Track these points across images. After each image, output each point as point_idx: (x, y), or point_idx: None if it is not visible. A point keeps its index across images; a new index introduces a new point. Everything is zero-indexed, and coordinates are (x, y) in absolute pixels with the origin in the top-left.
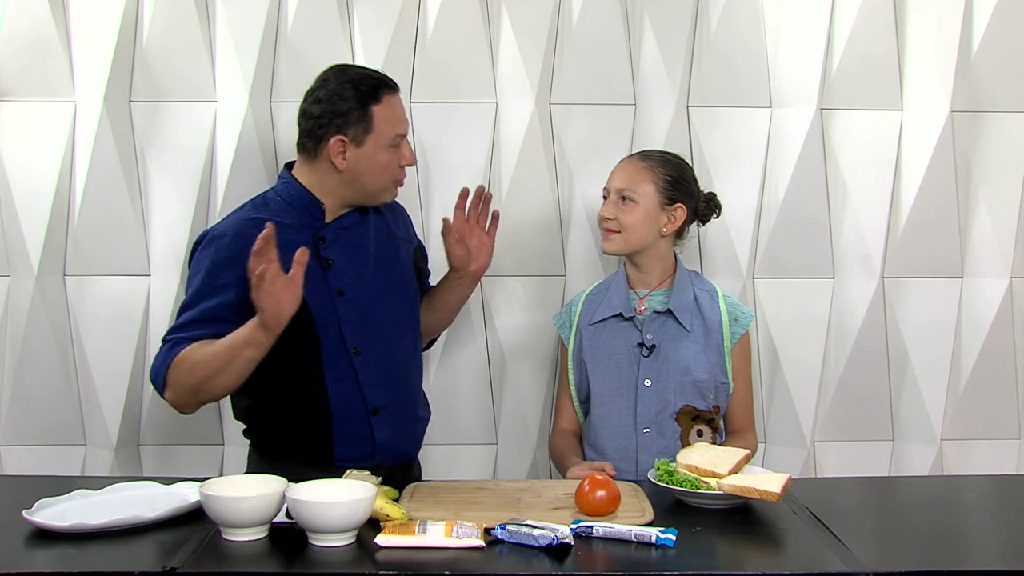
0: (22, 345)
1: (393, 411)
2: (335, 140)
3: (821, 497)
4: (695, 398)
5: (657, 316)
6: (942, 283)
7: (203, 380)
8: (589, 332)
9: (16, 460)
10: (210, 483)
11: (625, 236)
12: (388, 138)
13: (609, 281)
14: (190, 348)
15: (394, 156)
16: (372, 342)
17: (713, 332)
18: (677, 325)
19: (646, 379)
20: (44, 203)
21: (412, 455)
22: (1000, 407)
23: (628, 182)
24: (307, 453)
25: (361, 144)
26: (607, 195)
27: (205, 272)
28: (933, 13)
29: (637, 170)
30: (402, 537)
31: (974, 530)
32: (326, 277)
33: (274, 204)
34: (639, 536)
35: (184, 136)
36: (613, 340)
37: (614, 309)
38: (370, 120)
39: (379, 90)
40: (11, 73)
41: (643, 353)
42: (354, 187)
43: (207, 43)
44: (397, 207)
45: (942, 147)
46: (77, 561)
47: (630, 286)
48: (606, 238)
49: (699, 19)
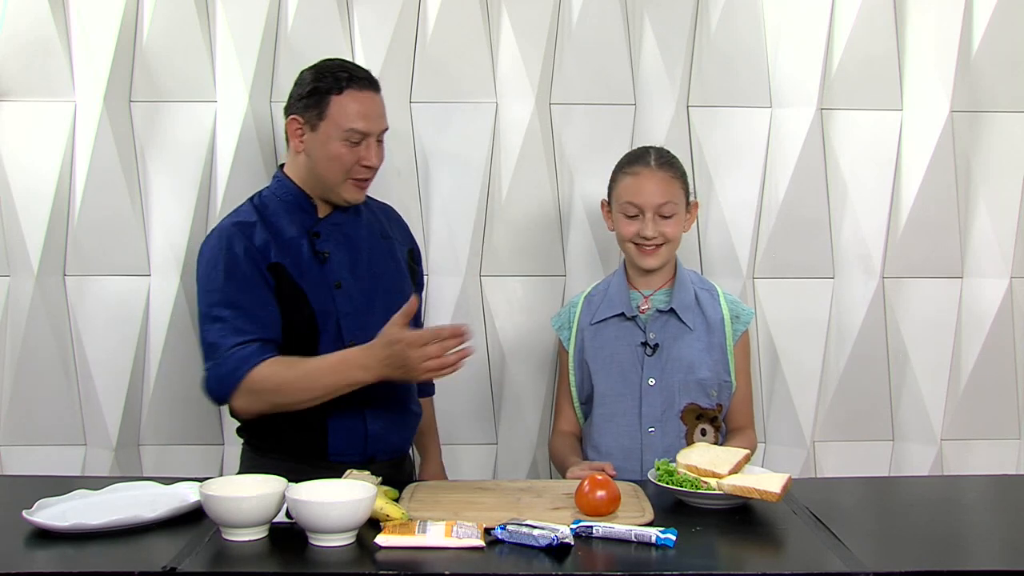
0: (22, 345)
1: (386, 404)
2: (291, 119)
3: (821, 497)
4: (699, 396)
5: (659, 315)
6: (942, 283)
7: (294, 400)
8: (591, 332)
9: (16, 460)
10: (210, 483)
11: (669, 248)
12: (342, 129)
13: (608, 281)
14: (271, 367)
15: (350, 151)
16: (367, 335)
17: (715, 330)
18: (679, 323)
19: (650, 378)
20: (44, 203)
21: (404, 449)
22: (1000, 407)
23: (666, 197)
24: (301, 445)
25: (315, 129)
26: (635, 213)
27: (226, 270)
28: (933, 13)
29: (667, 182)
30: (402, 537)
31: (974, 530)
32: (323, 270)
33: (270, 202)
34: (639, 536)
35: (184, 136)
36: (615, 340)
37: (615, 309)
38: (325, 107)
39: (344, 81)
40: (11, 73)
41: (646, 352)
42: (314, 176)
43: (207, 43)
44: (392, 212)
45: (942, 147)
46: (77, 561)
47: (631, 285)
48: (649, 254)
49: (699, 19)
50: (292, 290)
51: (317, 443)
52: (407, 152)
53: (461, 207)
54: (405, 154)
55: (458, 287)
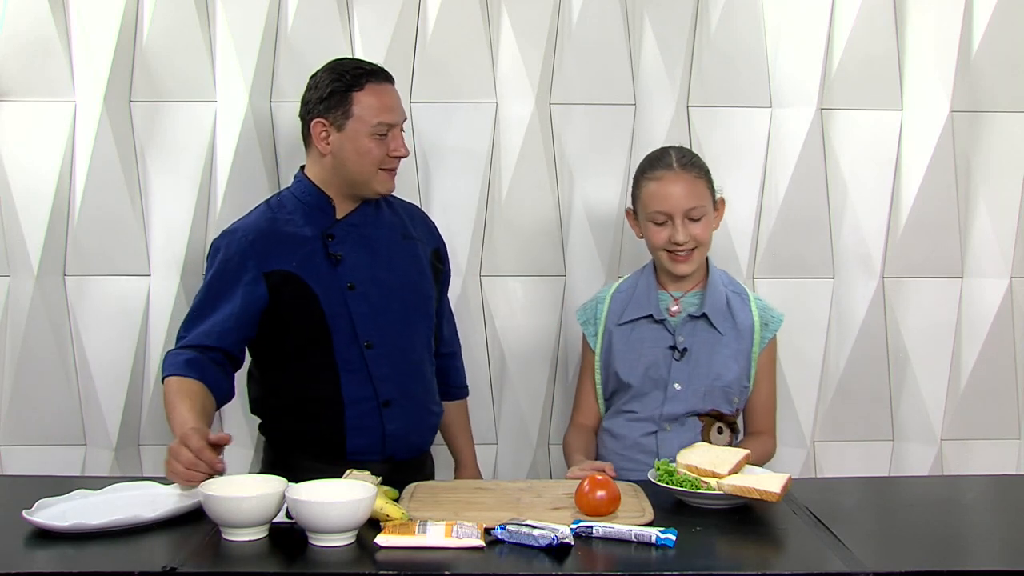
0: (22, 345)
1: (404, 404)
2: (316, 123)
3: (821, 497)
4: (722, 403)
5: (690, 319)
6: (942, 283)
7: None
8: (618, 333)
9: (16, 460)
10: (210, 483)
11: (701, 251)
12: (370, 125)
13: (636, 279)
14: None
15: (379, 144)
16: (384, 336)
17: (744, 337)
18: (710, 328)
19: (676, 383)
20: (44, 203)
21: (424, 447)
22: (1000, 407)
23: (695, 200)
24: (320, 444)
25: (342, 128)
26: (664, 220)
27: (215, 271)
28: (933, 13)
29: (692, 183)
30: (402, 537)
31: (974, 530)
32: (336, 272)
33: (288, 202)
34: (639, 536)
35: (184, 136)
36: (643, 342)
37: (643, 311)
38: (350, 105)
39: (363, 78)
40: (11, 73)
41: (675, 356)
42: (342, 174)
43: (207, 43)
44: (416, 212)
45: (942, 147)
46: (77, 561)
47: (660, 286)
48: (683, 260)
49: (699, 19)
50: (301, 293)
51: (336, 442)
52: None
53: (461, 207)
54: None
55: (458, 287)
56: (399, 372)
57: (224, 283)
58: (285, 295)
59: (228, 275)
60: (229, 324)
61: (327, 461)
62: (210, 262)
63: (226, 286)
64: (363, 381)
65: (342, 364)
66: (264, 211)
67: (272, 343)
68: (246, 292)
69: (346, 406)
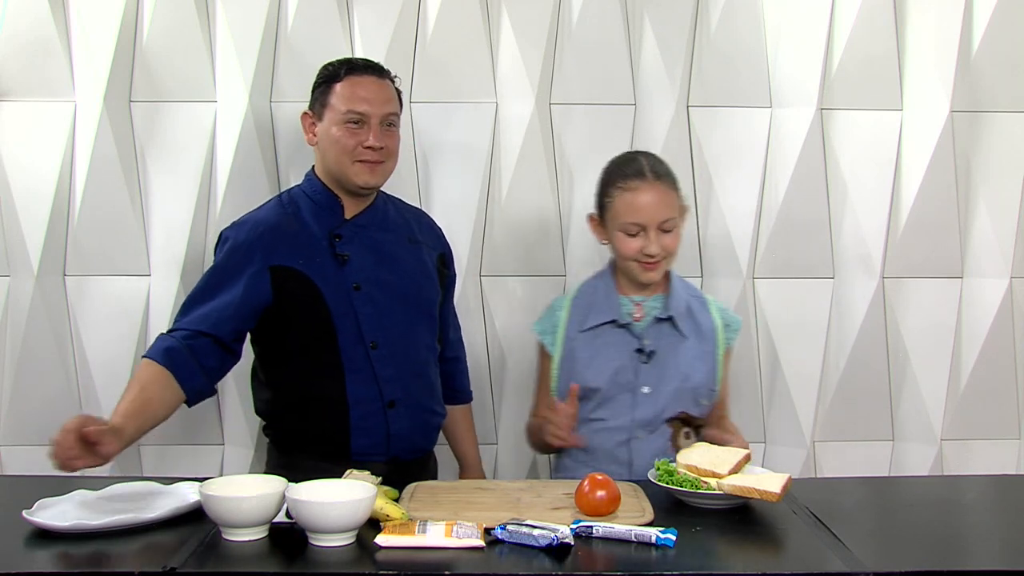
0: (22, 345)
1: (408, 405)
2: (304, 115)
3: (821, 497)
4: (691, 405)
5: (656, 322)
6: (942, 283)
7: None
8: (581, 340)
9: (16, 460)
10: (210, 483)
11: (669, 260)
12: (340, 113)
13: (594, 285)
14: (145, 368)
15: (348, 133)
16: (389, 336)
17: (707, 339)
18: (674, 331)
19: (645, 386)
20: (44, 203)
21: (427, 448)
22: (1000, 407)
23: (668, 212)
24: (325, 444)
25: (321, 118)
26: (636, 231)
27: (222, 259)
28: (933, 13)
29: (665, 194)
30: (402, 537)
31: (974, 530)
32: (342, 271)
33: (299, 199)
34: (639, 536)
35: (184, 136)
36: (608, 346)
37: (607, 316)
38: (328, 96)
39: (343, 69)
40: (11, 73)
41: (642, 360)
42: (326, 166)
43: (207, 43)
44: (424, 217)
45: (942, 147)
46: (77, 561)
47: (621, 291)
48: (651, 269)
49: (699, 19)
50: (307, 290)
51: (340, 442)
52: (407, 152)
53: (461, 207)
54: (405, 154)
55: (458, 287)
56: (404, 373)
57: (229, 271)
58: (290, 291)
59: (234, 264)
60: (228, 312)
61: (331, 461)
62: (218, 251)
63: (230, 274)
64: (368, 381)
65: (347, 364)
66: (275, 205)
67: (277, 340)
68: (249, 283)
69: (351, 406)
